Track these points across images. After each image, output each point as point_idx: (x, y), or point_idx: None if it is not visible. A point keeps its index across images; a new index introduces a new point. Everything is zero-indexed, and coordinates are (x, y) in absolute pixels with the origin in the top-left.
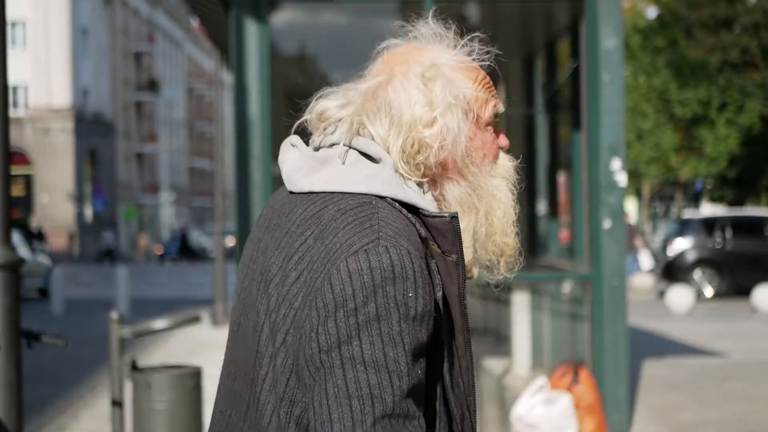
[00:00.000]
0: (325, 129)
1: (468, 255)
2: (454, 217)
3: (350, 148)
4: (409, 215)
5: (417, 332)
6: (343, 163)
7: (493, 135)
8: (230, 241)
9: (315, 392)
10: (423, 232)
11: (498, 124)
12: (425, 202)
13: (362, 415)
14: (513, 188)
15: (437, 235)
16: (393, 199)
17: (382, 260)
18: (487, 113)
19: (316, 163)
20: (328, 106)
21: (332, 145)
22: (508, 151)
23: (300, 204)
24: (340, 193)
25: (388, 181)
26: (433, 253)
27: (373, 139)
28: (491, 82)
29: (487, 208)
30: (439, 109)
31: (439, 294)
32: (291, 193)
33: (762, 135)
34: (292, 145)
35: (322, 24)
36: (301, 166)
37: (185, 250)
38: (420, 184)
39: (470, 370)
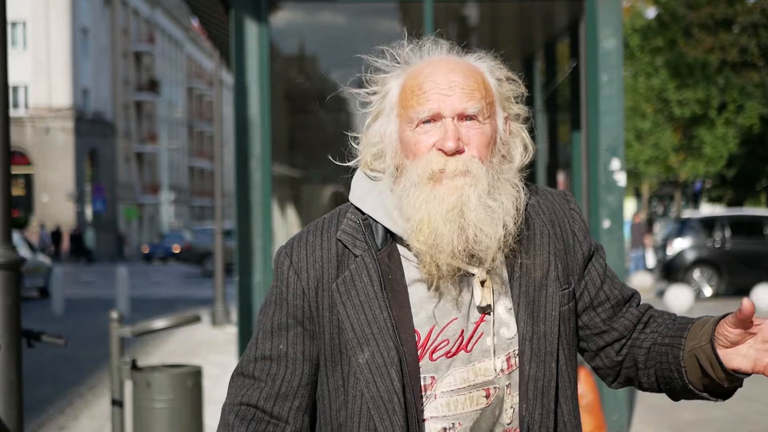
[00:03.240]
0: None
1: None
2: (363, 220)
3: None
4: (363, 216)
5: (271, 313)
6: None
7: (421, 135)
8: (176, 249)
9: None
10: (346, 234)
11: (428, 122)
12: (368, 204)
13: (235, 367)
14: (431, 181)
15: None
16: (354, 205)
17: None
18: (411, 115)
19: None
20: None
21: None
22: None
23: None
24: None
25: (353, 189)
26: (358, 251)
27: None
28: (424, 86)
29: (406, 206)
30: (371, 116)
31: (333, 285)
32: None
33: (761, 135)
34: None
35: (321, 24)
36: None
37: (79, 250)
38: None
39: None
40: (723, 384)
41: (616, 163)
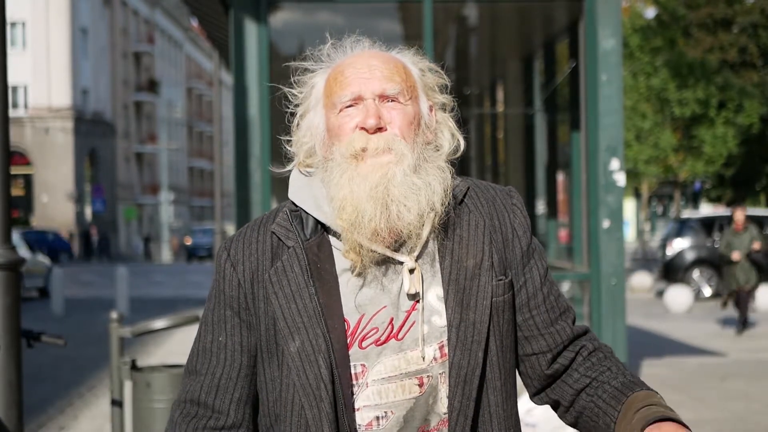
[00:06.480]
0: None
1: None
2: (293, 212)
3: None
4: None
5: (212, 306)
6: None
7: (344, 118)
8: (187, 241)
9: None
10: (280, 227)
11: (351, 107)
12: (299, 197)
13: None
14: (355, 159)
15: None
16: (291, 200)
17: None
18: (334, 101)
19: None
20: None
21: None
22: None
23: None
24: None
25: (290, 186)
26: (290, 243)
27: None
28: (345, 72)
29: (331, 187)
30: (300, 115)
31: (266, 276)
32: None
33: (760, 135)
34: None
35: (321, 24)
36: None
37: (105, 251)
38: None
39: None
40: None
41: (615, 163)
